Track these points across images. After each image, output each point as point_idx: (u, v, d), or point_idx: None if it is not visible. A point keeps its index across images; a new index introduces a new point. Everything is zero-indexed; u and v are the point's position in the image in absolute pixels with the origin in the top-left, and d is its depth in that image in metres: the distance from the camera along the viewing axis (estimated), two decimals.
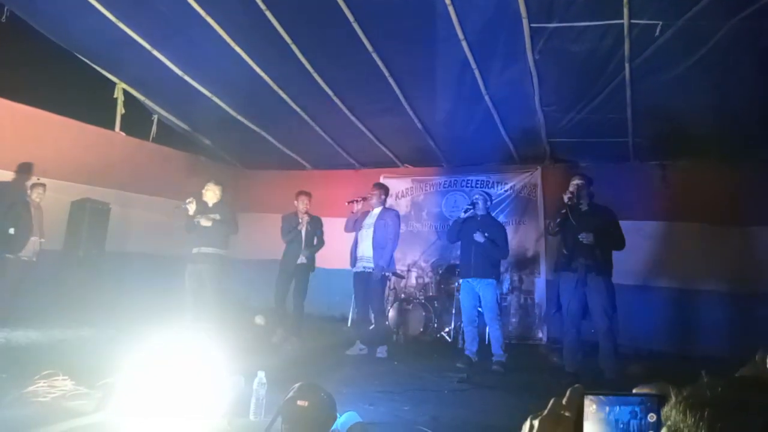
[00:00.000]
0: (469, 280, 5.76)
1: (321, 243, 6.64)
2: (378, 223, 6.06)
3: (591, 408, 0.79)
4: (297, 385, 3.00)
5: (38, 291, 6.49)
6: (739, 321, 6.45)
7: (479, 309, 5.82)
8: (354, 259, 6.23)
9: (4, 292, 6.28)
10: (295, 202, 6.58)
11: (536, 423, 0.79)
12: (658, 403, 0.79)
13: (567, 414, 0.79)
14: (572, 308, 5.07)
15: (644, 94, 6.07)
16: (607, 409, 0.79)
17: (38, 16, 6.67)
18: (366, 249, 6.08)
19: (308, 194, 6.66)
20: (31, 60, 7.01)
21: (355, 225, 6.26)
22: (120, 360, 3.31)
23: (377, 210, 6.21)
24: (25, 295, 6.36)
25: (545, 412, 0.80)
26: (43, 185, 6.66)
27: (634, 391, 0.83)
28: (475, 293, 5.71)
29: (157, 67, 7.13)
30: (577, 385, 0.81)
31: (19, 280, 6.39)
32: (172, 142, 8.88)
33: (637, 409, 0.78)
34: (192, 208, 5.99)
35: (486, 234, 5.64)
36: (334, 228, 7.17)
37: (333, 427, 2.94)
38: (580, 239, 4.95)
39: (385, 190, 6.41)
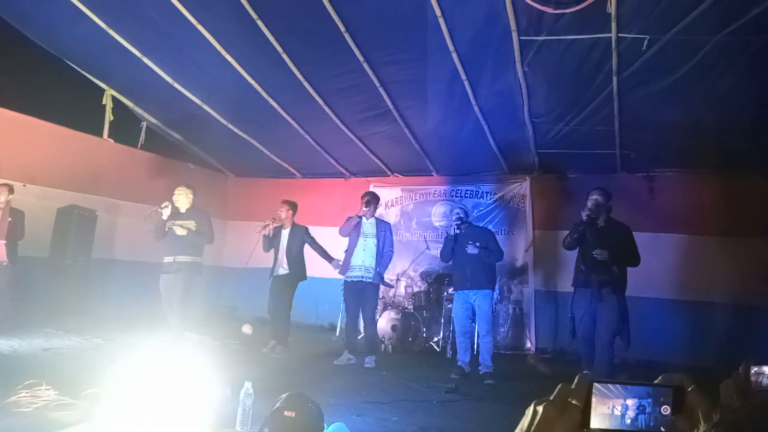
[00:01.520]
0: (465, 291, 5.73)
1: (317, 248, 6.59)
2: (379, 235, 6.13)
3: (598, 398, 0.75)
4: (284, 395, 2.98)
5: (23, 298, 6.39)
6: (723, 331, 6.51)
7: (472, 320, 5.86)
8: (346, 267, 6.19)
9: None
10: None
11: (540, 409, 0.74)
12: (673, 395, 0.75)
13: (574, 402, 0.75)
14: (585, 322, 5.07)
15: (632, 106, 6.14)
16: (615, 401, 0.75)
17: (27, 22, 6.62)
18: (366, 258, 6.06)
19: (287, 203, 6.66)
20: (20, 66, 6.95)
21: (351, 231, 6.20)
22: (106, 369, 3.27)
23: (372, 220, 6.24)
24: None
25: (551, 397, 0.76)
26: (8, 186, 6.28)
27: (657, 380, 0.78)
28: (470, 305, 5.70)
29: (147, 74, 7.11)
30: (586, 372, 0.77)
31: None
32: (160, 150, 8.83)
33: (645, 403, 0.75)
34: (167, 212, 5.72)
35: (478, 244, 5.64)
36: (322, 237, 7.15)
37: None
38: (594, 255, 4.91)
39: (378, 199, 6.50)
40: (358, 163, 8.90)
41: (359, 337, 6.47)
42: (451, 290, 7.50)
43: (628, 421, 0.75)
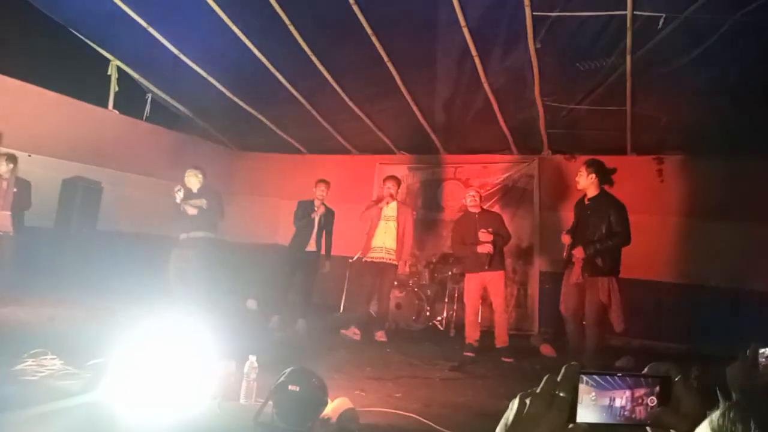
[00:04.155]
0: (478, 273, 5.88)
1: (329, 238, 6.60)
2: (399, 219, 6.28)
3: (586, 389, 0.73)
4: (288, 369, 2.98)
5: (28, 268, 6.41)
6: (733, 317, 6.47)
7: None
8: (367, 248, 6.34)
9: None
10: (314, 189, 6.56)
11: (527, 402, 0.73)
12: (660, 385, 0.74)
13: (562, 394, 0.73)
14: (571, 303, 5.10)
15: (644, 87, 6.04)
16: (603, 392, 0.73)
17: None
18: (387, 241, 6.23)
19: (327, 182, 6.63)
20: (26, 34, 6.88)
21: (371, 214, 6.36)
22: (110, 340, 3.27)
23: (394, 204, 6.32)
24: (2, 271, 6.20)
25: (538, 389, 0.74)
26: (11, 156, 6.24)
27: (644, 371, 0.77)
28: (481, 284, 5.87)
29: (152, 45, 7.01)
30: (573, 363, 0.75)
31: None
32: (165, 122, 8.75)
33: (633, 395, 0.73)
34: (180, 195, 6.05)
35: (490, 230, 5.81)
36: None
37: (324, 413, 2.92)
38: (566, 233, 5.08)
39: (400, 182, 6.58)
40: (365, 140, 8.81)
41: (368, 312, 6.55)
42: (455, 270, 7.55)
43: (616, 414, 0.73)
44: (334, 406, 2.96)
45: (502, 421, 0.75)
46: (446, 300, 7.33)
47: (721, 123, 6.30)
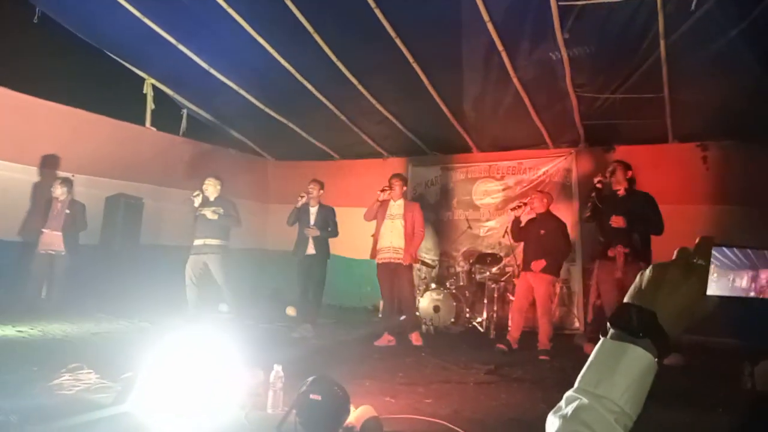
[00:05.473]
0: (527, 272, 5.84)
1: (333, 233, 6.54)
2: (406, 216, 6.10)
3: (718, 265, 0.71)
4: (310, 378, 2.96)
5: (76, 285, 6.65)
6: None
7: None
8: (375, 249, 6.22)
9: (29, 286, 6.47)
10: None
11: (664, 270, 0.72)
12: None
13: (700, 261, 0.71)
14: (611, 297, 5.07)
15: (682, 71, 5.78)
16: (738, 267, 0.71)
17: (67, 15, 6.80)
18: (395, 240, 6.08)
19: (317, 182, 6.63)
20: (64, 59, 7.14)
21: (377, 214, 6.23)
22: (147, 352, 3.33)
23: (400, 201, 6.18)
24: (51, 289, 6.57)
25: (673, 259, 0.74)
26: (65, 180, 6.70)
27: None
28: (530, 285, 5.81)
29: (183, 62, 7.18)
30: (707, 235, 0.74)
31: (39, 274, 6.50)
32: (201, 136, 8.94)
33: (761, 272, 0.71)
34: (198, 200, 6.40)
35: (542, 232, 5.79)
36: (361, 218, 7.11)
37: (347, 421, 2.88)
38: (610, 223, 5.03)
39: (405, 180, 6.39)
40: (396, 142, 8.76)
41: (401, 318, 6.44)
42: (494, 269, 7.42)
43: (749, 289, 0.71)
44: (357, 415, 2.92)
45: (632, 290, 0.75)
46: (485, 301, 7.19)
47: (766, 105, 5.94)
